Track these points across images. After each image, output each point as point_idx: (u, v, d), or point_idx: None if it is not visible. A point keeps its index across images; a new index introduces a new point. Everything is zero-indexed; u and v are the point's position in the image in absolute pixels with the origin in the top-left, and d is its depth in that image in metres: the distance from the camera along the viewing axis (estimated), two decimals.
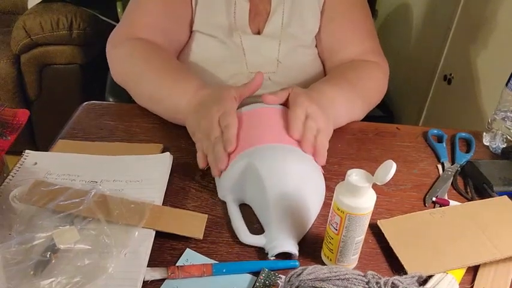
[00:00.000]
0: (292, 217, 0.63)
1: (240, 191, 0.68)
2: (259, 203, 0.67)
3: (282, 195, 0.64)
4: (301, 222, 0.65)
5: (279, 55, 0.95)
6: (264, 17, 0.95)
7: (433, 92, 1.58)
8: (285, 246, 0.60)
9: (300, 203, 0.64)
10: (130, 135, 0.83)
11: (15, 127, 0.74)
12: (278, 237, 0.61)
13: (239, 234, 0.64)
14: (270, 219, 0.64)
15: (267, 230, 0.64)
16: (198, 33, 0.94)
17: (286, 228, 0.62)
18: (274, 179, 0.64)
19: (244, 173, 0.67)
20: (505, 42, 1.20)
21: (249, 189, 0.68)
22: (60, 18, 1.75)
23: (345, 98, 0.85)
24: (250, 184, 0.67)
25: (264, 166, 0.65)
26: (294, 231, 0.63)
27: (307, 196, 0.65)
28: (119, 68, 0.90)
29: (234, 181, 0.68)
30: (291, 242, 0.61)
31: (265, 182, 0.64)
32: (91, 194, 0.63)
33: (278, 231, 0.62)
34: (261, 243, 0.63)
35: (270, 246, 0.61)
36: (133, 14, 0.94)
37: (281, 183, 0.64)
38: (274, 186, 0.64)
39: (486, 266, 0.62)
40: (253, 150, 0.67)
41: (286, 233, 0.62)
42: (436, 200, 0.73)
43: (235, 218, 0.66)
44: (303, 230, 0.65)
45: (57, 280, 0.53)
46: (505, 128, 0.84)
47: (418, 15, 1.73)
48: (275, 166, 0.65)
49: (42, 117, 1.85)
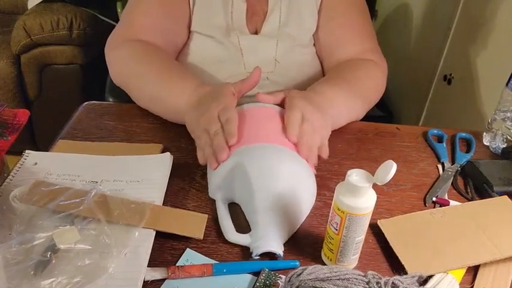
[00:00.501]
0: (279, 217, 0.63)
1: (229, 189, 0.69)
2: (246, 202, 0.67)
3: (269, 195, 0.64)
4: (288, 222, 0.65)
5: (276, 54, 0.95)
6: (261, 16, 0.95)
7: (433, 92, 1.58)
8: (269, 246, 0.60)
9: (288, 203, 0.64)
10: (131, 135, 0.83)
11: (15, 127, 0.74)
12: (263, 237, 0.61)
13: (225, 233, 0.64)
14: (256, 219, 0.64)
15: (252, 229, 0.64)
16: (196, 34, 0.94)
17: (271, 227, 0.62)
18: (262, 178, 0.65)
19: (233, 172, 0.67)
20: (505, 42, 1.20)
21: (237, 188, 0.68)
22: (60, 18, 1.75)
23: (344, 97, 0.85)
24: (239, 183, 0.67)
25: (253, 165, 0.65)
26: (281, 231, 0.63)
27: (295, 197, 0.65)
28: (118, 70, 0.90)
29: (223, 179, 0.68)
30: (276, 241, 0.61)
31: (252, 181, 0.64)
32: (91, 194, 0.63)
33: (263, 230, 0.62)
34: (246, 242, 0.63)
35: (254, 245, 0.61)
36: (132, 16, 0.94)
37: (269, 183, 0.64)
38: (261, 186, 0.64)
39: (486, 266, 0.62)
40: (243, 149, 0.68)
41: (271, 233, 0.62)
42: (436, 200, 0.73)
43: (222, 217, 0.66)
44: (290, 230, 0.65)
45: (57, 280, 0.53)
46: (505, 128, 0.84)
47: (418, 15, 1.73)
48: (263, 166, 0.65)
49: (42, 117, 1.85)
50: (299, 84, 0.95)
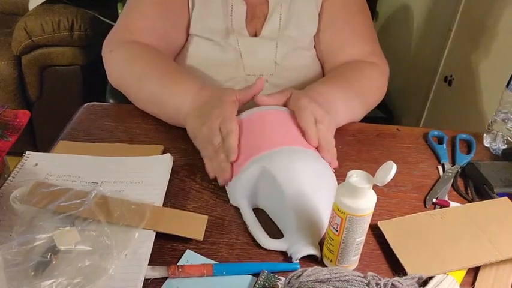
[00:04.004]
0: (310, 218, 0.63)
1: (253, 196, 0.68)
2: (276, 207, 0.67)
3: (299, 198, 0.63)
4: (319, 222, 0.64)
5: (276, 57, 0.94)
6: (261, 19, 0.95)
7: (433, 93, 1.58)
8: (307, 249, 0.61)
9: (317, 204, 0.64)
10: (131, 136, 0.83)
11: (16, 128, 0.74)
12: (299, 241, 0.61)
13: (260, 240, 0.63)
14: (289, 223, 0.63)
15: (286, 233, 0.64)
16: (195, 37, 0.94)
17: (305, 230, 0.63)
18: (290, 181, 0.64)
19: (257, 178, 0.67)
20: (505, 44, 1.20)
21: (263, 194, 0.68)
22: (61, 19, 1.75)
23: (344, 98, 0.85)
24: (265, 189, 0.67)
25: (278, 169, 0.65)
26: (314, 232, 0.63)
27: (322, 197, 0.65)
28: (116, 72, 0.90)
29: (247, 186, 0.67)
30: (313, 243, 0.62)
31: (282, 186, 0.64)
32: (92, 195, 0.63)
33: (298, 234, 0.62)
34: (283, 247, 0.63)
35: (292, 250, 0.61)
36: (130, 17, 0.93)
37: (297, 185, 0.64)
38: (291, 190, 0.64)
39: (487, 267, 0.62)
40: (266, 155, 0.67)
41: (306, 235, 0.62)
42: (436, 201, 0.73)
43: (253, 224, 0.65)
44: (321, 230, 0.65)
45: (57, 281, 0.53)
46: (506, 130, 0.84)
47: (418, 16, 1.73)
48: (290, 169, 0.65)
49: (43, 118, 1.85)
50: (299, 86, 0.95)
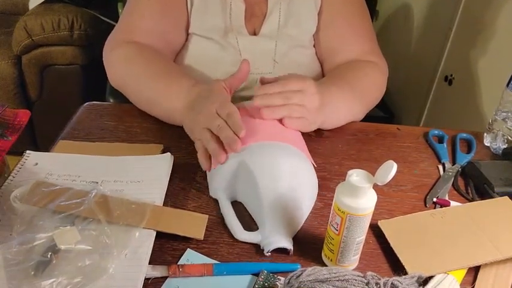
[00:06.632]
0: (286, 213, 0.64)
1: (231, 188, 0.69)
2: (252, 200, 0.67)
3: (275, 192, 0.64)
4: (295, 217, 0.65)
5: (275, 55, 0.95)
6: (260, 17, 0.95)
7: (434, 92, 1.58)
8: (280, 242, 0.61)
9: (293, 199, 0.65)
10: (131, 135, 0.83)
11: (16, 127, 0.74)
12: (273, 233, 0.62)
13: (234, 232, 0.64)
14: (264, 216, 0.64)
15: (261, 226, 0.65)
16: (194, 36, 0.94)
17: (280, 223, 0.63)
18: (267, 176, 0.65)
19: (236, 171, 0.68)
20: (505, 43, 1.20)
21: (241, 187, 0.69)
22: (61, 19, 1.75)
23: (344, 98, 0.85)
24: (242, 182, 0.68)
25: (256, 163, 0.66)
26: (288, 227, 0.64)
27: (300, 192, 0.66)
28: (116, 72, 0.90)
29: (226, 179, 0.68)
30: (286, 237, 0.62)
31: (257, 179, 0.65)
32: (92, 194, 0.63)
33: (273, 227, 0.63)
34: (256, 239, 0.63)
35: (265, 242, 0.62)
36: (130, 18, 0.93)
37: (273, 179, 0.65)
38: (266, 183, 0.65)
39: (487, 266, 0.62)
40: (244, 149, 0.68)
41: (280, 229, 0.63)
42: (436, 200, 0.73)
43: (229, 216, 0.66)
44: (297, 225, 0.66)
45: (57, 280, 0.53)
46: (506, 129, 0.84)
47: (418, 16, 1.73)
48: (266, 163, 0.66)
49: (43, 117, 1.85)
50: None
